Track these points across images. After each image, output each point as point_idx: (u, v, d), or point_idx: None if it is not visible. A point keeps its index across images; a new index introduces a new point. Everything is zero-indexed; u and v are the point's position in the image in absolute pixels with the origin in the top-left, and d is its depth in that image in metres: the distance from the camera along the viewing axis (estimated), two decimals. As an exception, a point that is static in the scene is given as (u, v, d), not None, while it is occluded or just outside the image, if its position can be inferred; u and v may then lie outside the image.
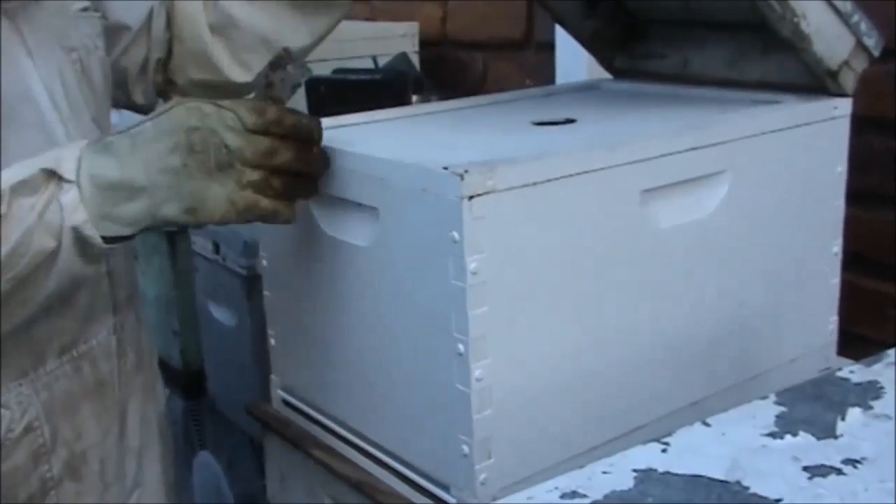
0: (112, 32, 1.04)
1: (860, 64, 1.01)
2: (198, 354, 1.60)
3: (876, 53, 1.01)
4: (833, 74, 1.00)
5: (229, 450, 1.65)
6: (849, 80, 1.01)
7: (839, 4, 0.97)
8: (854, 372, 0.69)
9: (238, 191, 0.83)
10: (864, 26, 0.99)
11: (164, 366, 1.68)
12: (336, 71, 1.52)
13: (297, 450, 1.05)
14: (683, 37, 1.18)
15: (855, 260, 1.23)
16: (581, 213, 0.85)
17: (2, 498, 0.92)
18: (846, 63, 0.99)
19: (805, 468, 0.57)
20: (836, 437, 0.61)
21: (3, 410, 0.91)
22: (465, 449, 0.83)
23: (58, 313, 0.93)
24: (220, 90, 1.05)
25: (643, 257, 0.90)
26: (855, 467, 0.57)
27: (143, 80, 1.09)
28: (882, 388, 0.66)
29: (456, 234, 0.78)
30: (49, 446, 0.95)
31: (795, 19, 0.95)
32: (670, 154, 0.89)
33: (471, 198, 0.77)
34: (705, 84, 1.13)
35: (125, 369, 1.03)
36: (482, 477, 0.82)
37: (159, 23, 1.06)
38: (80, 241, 0.83)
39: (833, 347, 1.09)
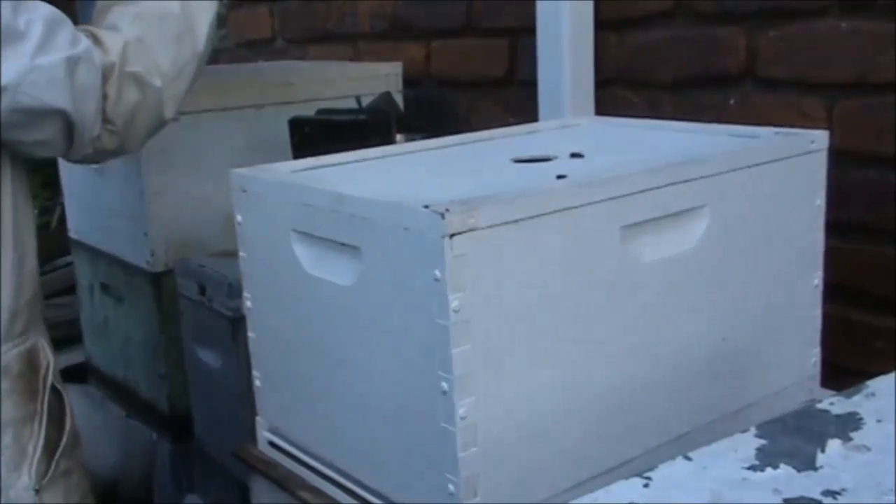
0: None
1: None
2: (185, 397, 1.59)
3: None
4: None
5: (217, 493, 1.64)
6: None
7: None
8: (834, 403, 0.69)
9: None
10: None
11: (151, 409, 1.68)
12: (320, 111, 1.53)
13: (284, 491, 1.05)
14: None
15: (840, 292, 1.24)
16: (562, 249, 0.85)
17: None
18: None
19: (786, 500, 0.57)
20: (816, 469, 0.61)
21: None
22: (451, 487, 0.82)
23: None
24: None
25: (625, 293, 0.90)
26: (835, 499, 0.57)
27: None
28: (861, 419, 0.67)
29: (438, 273, 0.79)
30: None
31: None
32: (650, 190, 0.90)
33: (452, 236, 0.78)
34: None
35: None
36: (468, 515, 0.82)
37: None
38: None
39: (817, 379, 1.09)
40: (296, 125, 1.48)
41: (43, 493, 1.10)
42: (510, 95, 1.77)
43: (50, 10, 1.03)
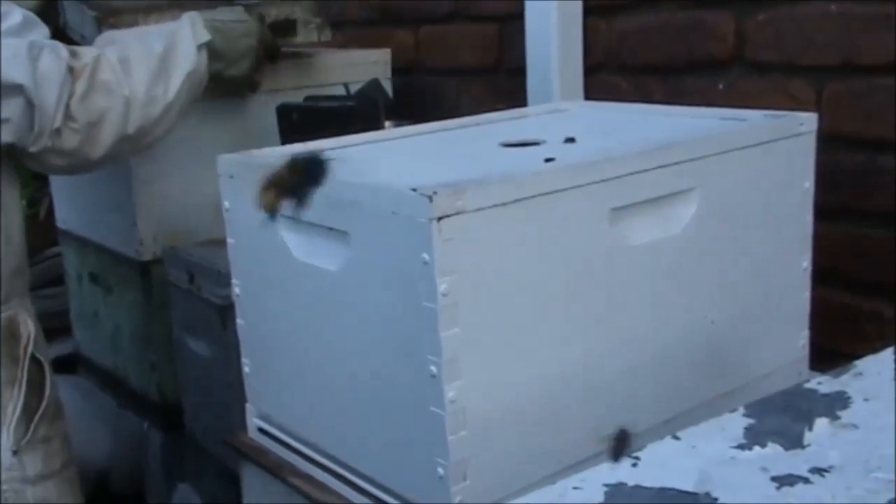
0: None
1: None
2: (175, 386, 1.58)
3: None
4: None
5: (209, 482, 1.64)
6: None
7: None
8: (822, 383, 0.69)
9: None
10: None
11: (141, 399, 1.67)
12: (308, 98, 1.52)
13: (275, 478, 1.04)
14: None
15: (829, 275, 1.24)
16: (551, 232, 0.85)
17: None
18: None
19: (773, 478, 0.57)
20: (803, 447, 0.61)
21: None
22: (441, 471, 0.82)
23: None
24: None
25: (614, 275, 0.90)
26: (822, 476, 0.57)
27: None
28: (849, 398, 0.67)
29: (426, 256, 0.78)
30: None
31: None
32: (639, 172, 0.90)
33: (440, 219, 0.78)
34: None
35: None
36: (458, 499, 0.82)
37: None
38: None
39: (805, 362, 1.10)
40: (284, 112, 1.47)
41: (22, 455, 1.18)
42: (499, 82, 1.77)
43: (31, 14, 1.16)
